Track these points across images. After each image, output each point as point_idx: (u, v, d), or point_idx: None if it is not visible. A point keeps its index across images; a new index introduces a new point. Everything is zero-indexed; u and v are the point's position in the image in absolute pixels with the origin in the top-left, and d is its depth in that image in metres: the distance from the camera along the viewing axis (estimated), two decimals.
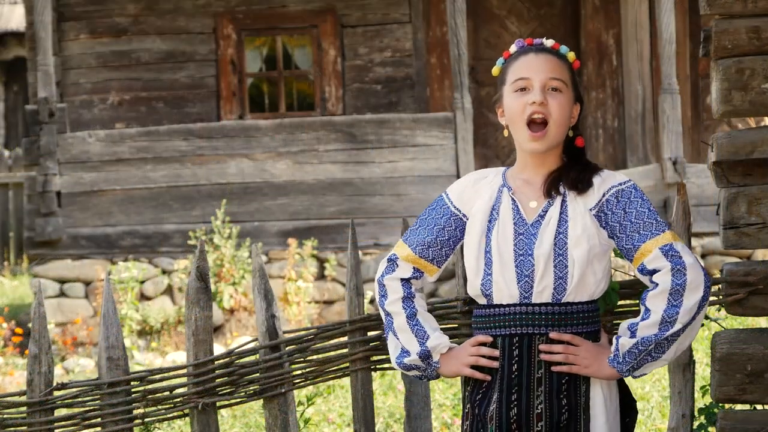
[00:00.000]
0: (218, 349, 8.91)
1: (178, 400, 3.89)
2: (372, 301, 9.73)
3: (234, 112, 11.41)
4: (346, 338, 3.94)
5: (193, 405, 3.87)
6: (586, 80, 11.61)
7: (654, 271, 3.05)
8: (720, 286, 3.61)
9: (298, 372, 3.93)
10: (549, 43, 3.16)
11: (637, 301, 3.73)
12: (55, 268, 10.93)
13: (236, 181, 10.89)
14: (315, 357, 3.95)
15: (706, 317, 3.86)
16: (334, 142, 10.83)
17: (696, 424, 3.94)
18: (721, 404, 3.86)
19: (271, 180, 10.88)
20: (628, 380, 5.50)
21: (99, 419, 3.88)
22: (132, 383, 3.89)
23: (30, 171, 11.12)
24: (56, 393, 3.88)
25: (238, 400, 3.93)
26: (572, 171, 3.11)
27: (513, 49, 3.19)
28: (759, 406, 3.74)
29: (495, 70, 3.20)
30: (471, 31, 11.35)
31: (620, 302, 3.74)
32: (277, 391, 3.90)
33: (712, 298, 3.56)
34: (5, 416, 3.90)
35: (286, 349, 3.92)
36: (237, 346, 3.95)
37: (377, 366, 3.96)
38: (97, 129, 11.18)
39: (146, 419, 3.90)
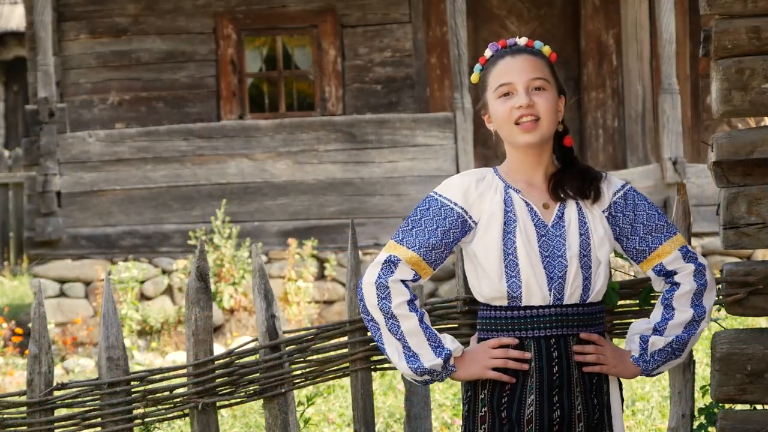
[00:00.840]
0: (218, 349, 8.91)
1: (178, 400, 3.89)
2: None
3: (234, 112, 11.41)
4: (346, 338, 3.94)
5: (193, 405, 3.87)
6: (586, 80, 11.61)
7: (672, 272, 3.12)
8: (720, 286, 3.62)
9: (298, 372, 3.93)
10: (522, 41, 3.15)
11: (637, 301, 3.74)
12: (55, 268, 10.93)
13: (236, 181, 10.89)
14: (315, 357, 3.95)
15: None
16: (334, 142, 10.83)
17: (696, 424, 3.94)
18: (721, 404, 3.86)
19: (271, 180, 10.88)
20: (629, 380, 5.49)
21: (99, 419, 3.88)
22: (132, 383, 3.89)
23: (30, 171, 11.12)
24: (56, 393, 3.88)
25: (238, 400, 3.93)
26: (573, 178, 3.12)
27: (488, 53, 3.18)
28: (759, 406, 3.74)
29: (474, 78, 3.20)
30: (471, 31, 11.35)
31: (620, 302, 3.74)
32: (277, 391, 3.90)
33: None
34: (5, 416, 3.90)
35: (286, 349, 3.92)
36: (237, 346, 3.95)
37: (377, 366, 3.96)
38: (97, 129, 11.18)
39: (146, 419, 3.90)
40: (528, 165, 3.14)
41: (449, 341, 3.13)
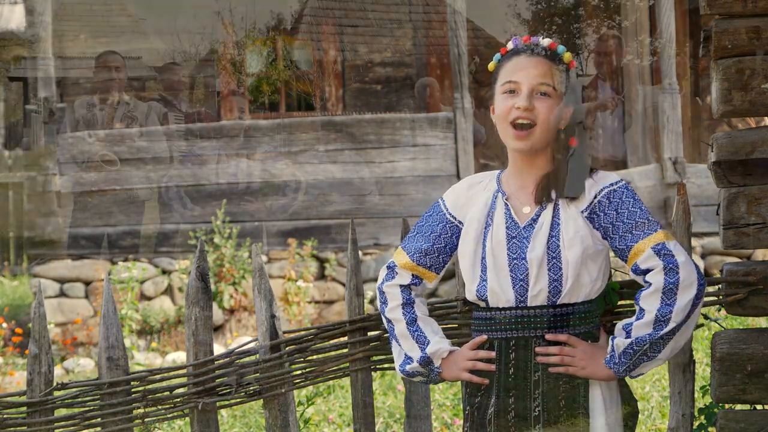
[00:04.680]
0: (218, 349, 8.91)
1: (178, 400, 3.89)
2: (372, 301, 9.74)
3: (234, 112, 11.41)
4: (346, 338, 3.94)
5: (193, 405, 3.87)
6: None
7: (647, 271, 3.04)
8: (720, 286, 3.61)
9: (298, 372, 3.93)
10: (545, 42, 3.13)
11: None
12: (55, 268, 10.93)
13: (236, 181, 10.89)
14: (315, 357, 3.95)
15: (707, 317, 3.86)
16: (334, 142, 10.83)
17: (696, 424, 3.94)
18: (721, 404, 3.86)
19: (271, 180, 10.88)
20: (628, 379, 5.49)
21: (99, 419, 3.88)
22: (132, 383, 3.89)
23: (30, 171, 11.12)
24: (56, 393, 3.88)
25: (238, 400, 3.93)
26: (562, 176, 3.10)
27: (509, 46, 3.16)
28: (759, 406, 3.74)
29: (491, 66, 3.19)
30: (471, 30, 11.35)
31: (620, 302, 3.73)
32: (277, 391, 3.90)
33: (712, 298, 3.56)
34: (5, 416, 3.90)
35: (286, 349, 3.92)
36: (237, 346, 3.95)
37: (377, 366, 3.96)
38: (97, 129, 11.18)
39: (146, 419, 3.90)
40: (521, 167, 3.15)
41: (434, 344, 3.19)
